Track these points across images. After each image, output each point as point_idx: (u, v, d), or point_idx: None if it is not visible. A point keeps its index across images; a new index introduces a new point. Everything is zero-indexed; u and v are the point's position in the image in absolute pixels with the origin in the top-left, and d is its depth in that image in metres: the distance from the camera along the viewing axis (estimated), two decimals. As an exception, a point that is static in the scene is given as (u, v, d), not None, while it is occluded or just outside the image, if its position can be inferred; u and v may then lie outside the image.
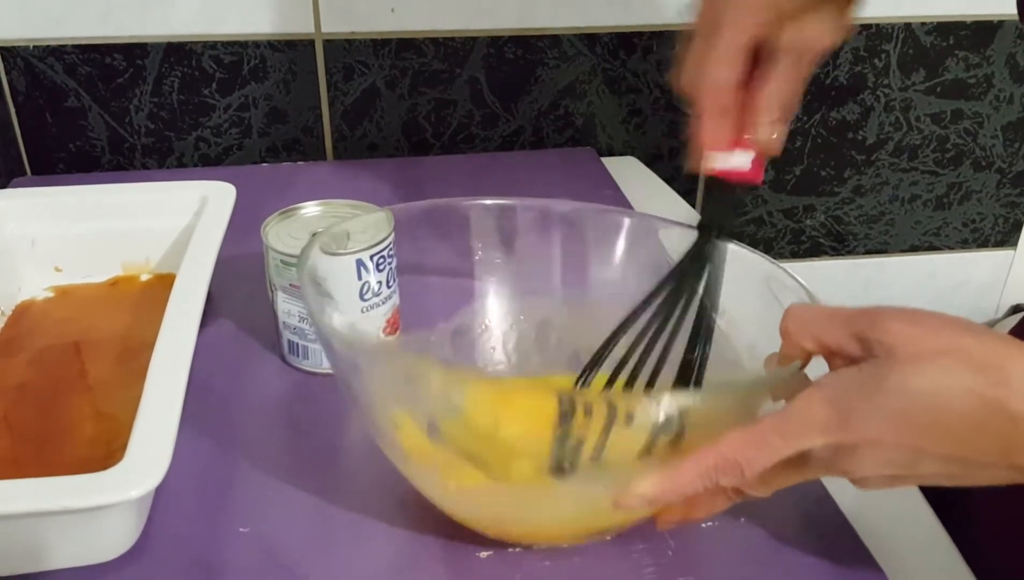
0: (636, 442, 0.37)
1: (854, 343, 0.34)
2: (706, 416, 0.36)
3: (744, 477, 0.35)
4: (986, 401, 0.32)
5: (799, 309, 0.37)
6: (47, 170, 0.86)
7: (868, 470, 0.35)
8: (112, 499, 0.37)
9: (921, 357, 0.32)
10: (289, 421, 0.52)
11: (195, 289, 0.51)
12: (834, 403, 0.34)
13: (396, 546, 0.43)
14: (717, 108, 0.41)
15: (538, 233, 0.52)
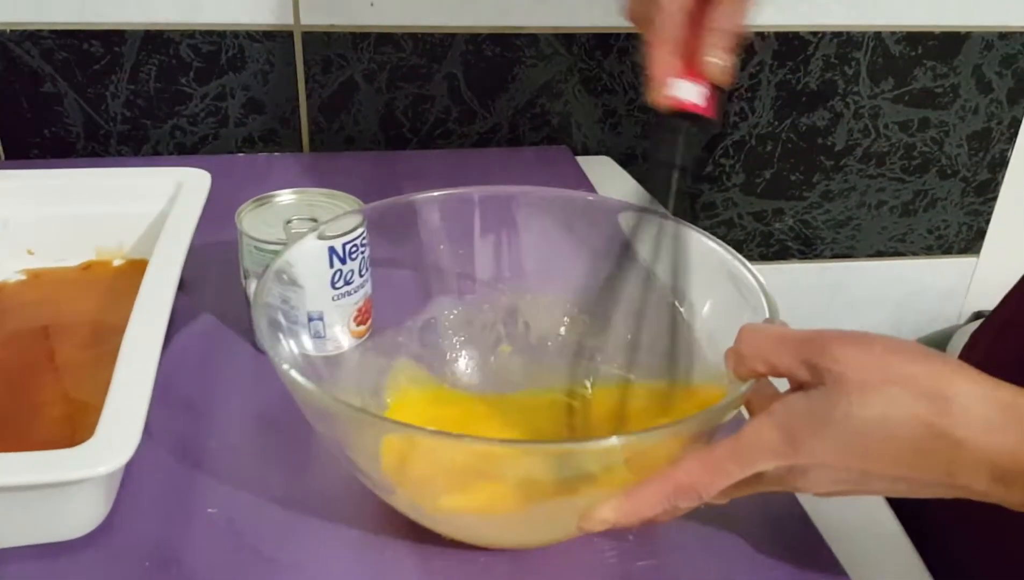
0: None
1: (803, 369, 0.36)
2: (664, 445, 0.38)
3: (701, 499, 0.37)
4: (931, 428, 0.33)
5: (750, 333, 0.38)
6: (21, 155, 0.85)
7: (818, 488, 0.37)
8: (81, 474, 0.37)
9: (868, 385, 0.34)
10: (260, 406, 0.53)
11: (167, 273, 0.52)
12: (784, 430, 0.35)
13: (363, 529, 0.44)
14: (667, 37, 0.41)
15: (498, 221, 0.52)
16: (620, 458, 0.38)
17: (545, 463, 0.38)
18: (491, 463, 0.38)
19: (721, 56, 0.41)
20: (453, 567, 0.42)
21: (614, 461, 0.38)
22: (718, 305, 0.44)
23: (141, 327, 0.47)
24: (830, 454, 0.35)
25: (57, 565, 0.41)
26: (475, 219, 0.51)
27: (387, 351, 0.50)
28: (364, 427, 0.38)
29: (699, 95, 0.41)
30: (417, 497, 0.40)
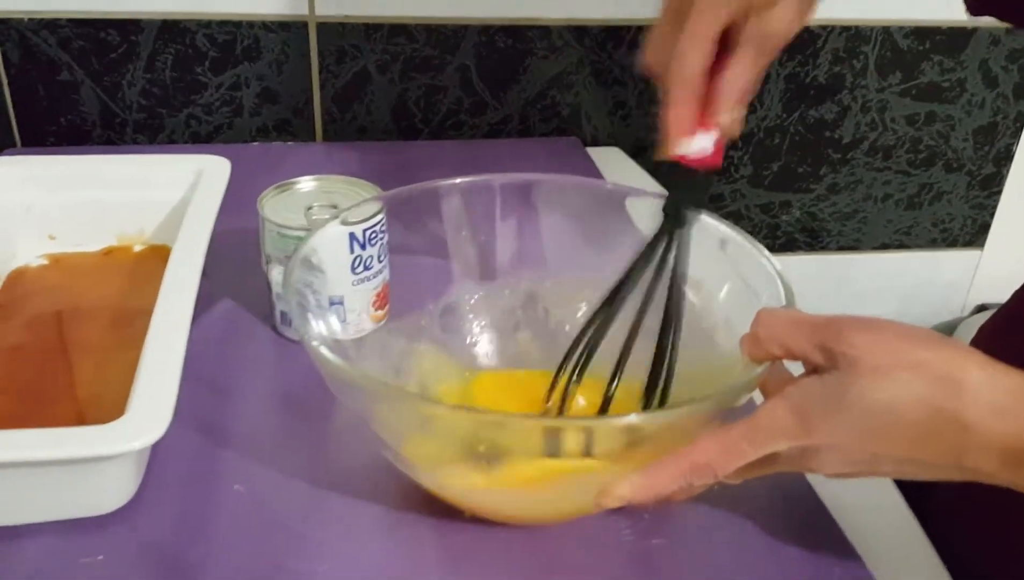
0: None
1: (818, 353, 0.37)
2: (680, 424, 0.39)
3: (716, 478, 0.38)
4: (941, 411, 0.34)
5: (768, 317, 0.39)
6: (38, 143, 0.86)
7: (831, 469, 0.38)
8: (116, 449, 0.38)
9: (881, 370, 0.35)
10: (282, 388, 0.54)
11: (192, 257, 0.53)
12: (798, 412, 0.36)
13: (386, 506, 0.45)
14: (685, 93, 0.42)
15: (518, 208, 0.53)
16: (637, 436, 0.39)
17: (564, 439, 0.40)
18: (512, 438, 0.39)
19: (735, 111, 0.43)
20: (474, 543, 0.43)
21: (631, 439, 0.39)
22: (735, 291, 0.45)
23: (168, 308, 0.48)
24: (843, 436, 0.36)
25: (89, 539, 0.42)
26: (496, 206, 0.52)
27: (409, 334, 0.51)
28: (391, 401, 0.39)
29: (710, 145, 0.43)
30: (440, 472, 0.41)
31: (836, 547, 0.44)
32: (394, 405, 0.39)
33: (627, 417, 0.38)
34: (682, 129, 0.43)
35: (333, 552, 0.43)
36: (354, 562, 0.42)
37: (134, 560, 0.42)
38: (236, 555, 0.42)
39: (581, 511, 0.43)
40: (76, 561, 0.41)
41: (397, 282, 0.54)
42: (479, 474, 0.41)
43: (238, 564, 0.42)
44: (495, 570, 0.42)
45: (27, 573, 0.41)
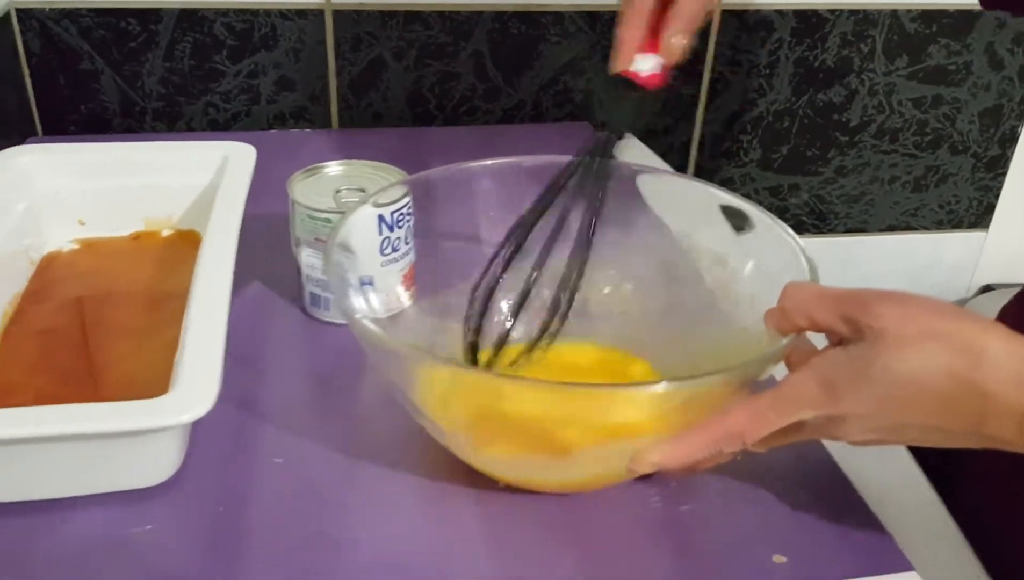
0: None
1: (844, 325, 0.38)
2: (709, 394, 0.41)
3: (745, 445, 0.40)
4: (963, 381, 0.36)
5: (795, 290, 0.41)
6: (59, 131, 0.87)
7: (855, 436, 0.40)
8: (168, 421, 0.40)
9: (905, 341, 0.36)
10: (313, 365, 0.55)
11: (226, 239, 0.54)
12: (825, 381, 0.38)
13: (422, 475, 0.47)
14: (635, 16, 0.48)
15: (541, 190, 0.55)
16: (666, 404, 0.41)
17: (594, 406, 0.41)
18: (546, 405, 0.41)
19: (677, 36, 0.48)
20: (509, 510, 0.45)
21: (660, 407, 0.41)
22: (759, 268, 0.47)
23: (207, 289, 0.49)
24: (867, 405, 0.37)
25: (137, 510, 0.44)
26: (525, 187, 0.53)
27: (439, 313, 0.52)
28: (428, 369, 0.40)
29: (656, 67, 0.49)
30: (476, 440, 0.43)
31: (857, 513, 0.46)
32: (434, 373, 0.41)
33: (656, 385, 0.40)
34: (630, 48, 0.49)
35: (373, 520, 0.44)
36: (393, 529, 0.44)
37: (181, 530, 0.43)
38: (279, 524, 0.44)
39: (612, 478, 0.45)
40: (126, 531, 0.43)
41: (427, 262, 0.55)
42: (508, 443, 0.42)
43: (281, 533, 0.43)
44: (529, 535, 0.44)
45: (80, 542, 0.42)
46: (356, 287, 0.53)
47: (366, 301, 0.52)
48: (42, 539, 0.42)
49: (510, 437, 0.42)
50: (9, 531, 0.43)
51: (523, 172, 0.54)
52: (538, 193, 0.49)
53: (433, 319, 0.52)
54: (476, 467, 0.45)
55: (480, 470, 0.46)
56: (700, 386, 0.39)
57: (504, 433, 0.42)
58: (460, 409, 0.42)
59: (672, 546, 0.44)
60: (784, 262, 0.45)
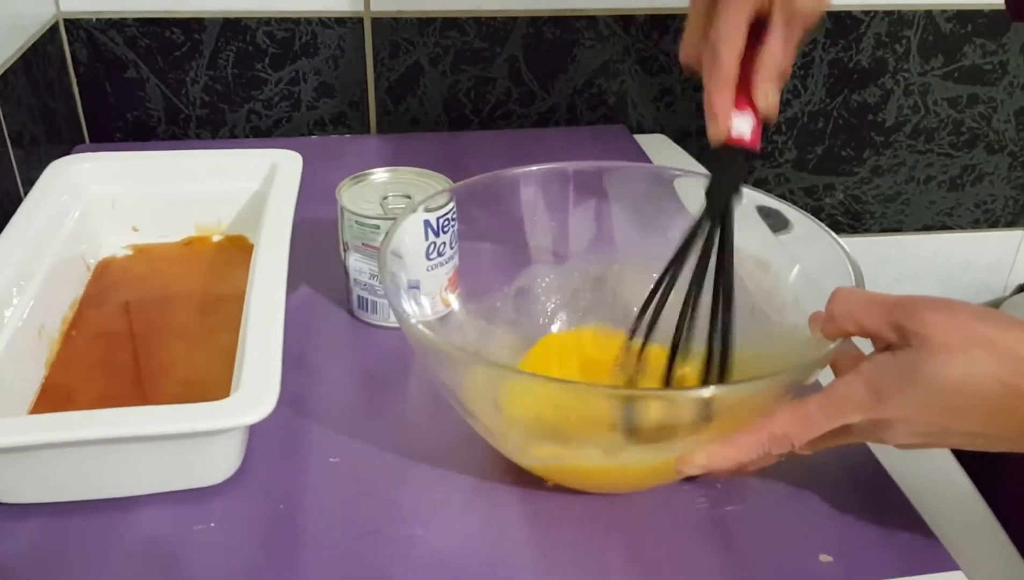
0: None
1: (891, 331, 0.39)
2: (756, 398, 0.41)
3: (792, 448, 0.41)
4: (1008, 387, 0.36)
5: (844, 294, 0.41)
6: (105, 138, 0.90)
7: (901, 440, 0.40)
8: (233, 423, 0.41)
9: (952, 348, 0.37)
10: (362, 366, 0.57)
11: (278, 245, 0.56)
12: (872, 386, 0.39)
13: (472, 475, 0.48)
14: (721, 80, 0.44)
15: (589, 194, 0.56)
16: (713, 408, 0.41)
17: (641, 410, 0.42)
18: (595, 408, 0.42)
19: (771, 93, 0.45)
20: (557, 509, 0.46)
21: (707, 411, 0.42)
22: (804, 272, 0.48)
23: (263, 294, 0.51)
24: (914, 410, 0.38)
25: (200, 508, 0.45)
26: (569, 192, 0.54)
27: (485, 315, 0.53)
28: (479, 372, 0.42)
29: (751, 128, 0.45)
30: (527, 442, 0.44)
31: (902, 513, 0.46)
32: (485, 376, 0.42)
33: (705, 389, 0.41)
34: (722, 114, 0.45)
35: (426, 518, 0.46)
36: (446, 527, 0.45)
37: (242, 527, 0.45)
38: (336, 522, 0.45)
39: (660, 479, 0.46)
40: (190, 528, 0.45)
41: (473, 266, 0.57)
42: (559, 447, 0.43)
43: (339, 530, 0.45)
44: (577, 534, 0.45)
45: (146, 538, 0.44)
46: (403, 291, 0.54)
47: (416, 305, 0.53)
48: (113, 536, 0.44)
49: (561, 439, 0.43)
50: (81, 528, 0.44)
51: (567, 177, 0.55)
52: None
53: (480, 322, 0.53)
54: (525, 467, 0.47)
55: (529, 470, 0.47)
56: (747, 391, 0.40)
57: (555, 435, 0.43)
58: (512, 412, 0.44)
59: (718, 546, 0.44)
60: (828, 266, 0.46)
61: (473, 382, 0.44)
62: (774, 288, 0.48)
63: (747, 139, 0.45)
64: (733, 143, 0.45)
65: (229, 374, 0.47)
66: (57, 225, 0.61)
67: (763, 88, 0.45)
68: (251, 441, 0.49)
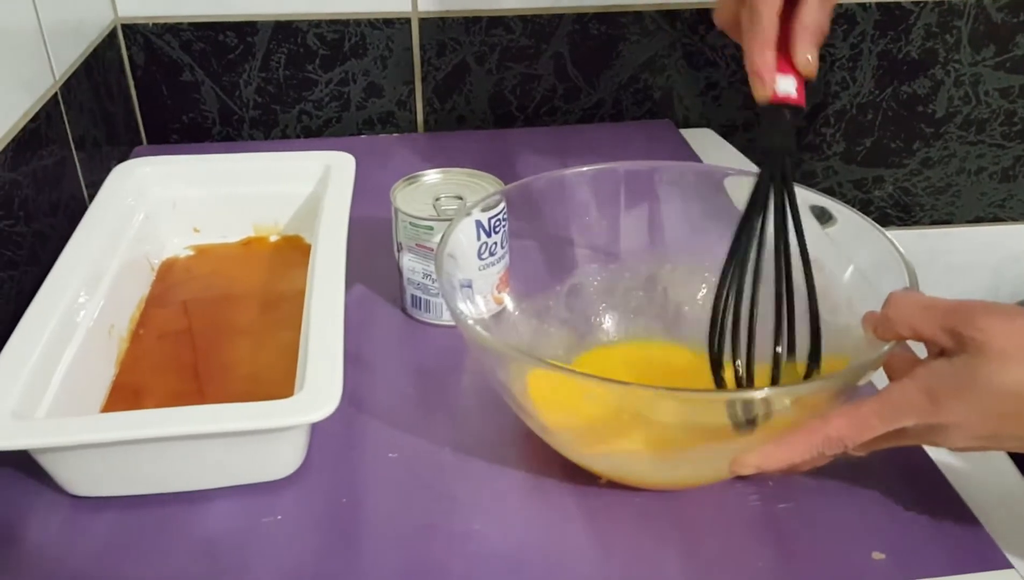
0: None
1: (947, 336, 0.39)
2: (809, 400, 0.42)
3: (845, 450, 0.41)
4: None
5: (900, 298, 0.42)
6: (161, 140, 0.92)
7: (955, 444, 0.41)
8: (300, 420, 0.43)
9: (1008, 354, 0.37)
10: (417, 365, 0.58)
11: (336, 246, 0.57)
12: (928, 391, 0.39)
13: (527, 471, 0.49)
14: (762, 42, 0.45)
15: (640, 194, 0.57)
16: (767, 409, 0.42)
17: (699, 410, 0.43)
18: (651, 408, 0.43)
19: (811, 52, 0.46)
20: (611, 505, 0.47)
21: (762, 412, 0.42)
22: (858, 273, 0.48)
23: (323, 294, 0.52)
24: (970, 415, 0.38)
25: (268, 501, 0.47)
26: (620, 192, 0.55)
27: (538, 314, 0.54)
28: (536, 372, 0.43)
29: (795, 87, 0.46)
30: (582, 439, 0.45)
31: (954, 510, 0.47)
32: (541, 374, 0.43)
33: (759, 391, 0.42)
34: (771, 73, 0.46)
35: (483, 513, 0.47)
36: (503, 522, 0.46)
37: (308, 519, 0.47)
38: (395, 516, 0.47)
39: (712, 478, 0.47)
40: (258, 520, 0.46)
41: (525, 265, 0.58)
42: (616, 441, 0.44)
43: (398, 524, 0.46)
44: (630, 530, 0.46)
45: (217, 530, 0.46)
46: (457, 289, 0.55)
47: (471, 304, 0.54)
48: (184, 528, 0.46)
49: (616, 437, 0.44)
50: (153, 521, 0.46)
51: (619, 177, 0.56)
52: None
53: (533, 320, 0.54)
54: (579, 464, 0.48)
55: (584, 467, 0.48)
56: (799, 394, 0.41)
57: (610, 433, 0.44)
58: (567, 409, 0.45)
59: (771, 544, 0.45)
60: (882, 265, 0.46)
61: (528, 381, 0.45)
62: (827, 288, 0.48)
63: (793, 96, 0.45)
64: (779, 101, 0.45)
65: (290, 371, 0.49)
66: (123, 227, 0.63)
67: (803, 48, 0.45)
68: (314, 436, 0.51)
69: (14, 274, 0.60)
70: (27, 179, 0.63)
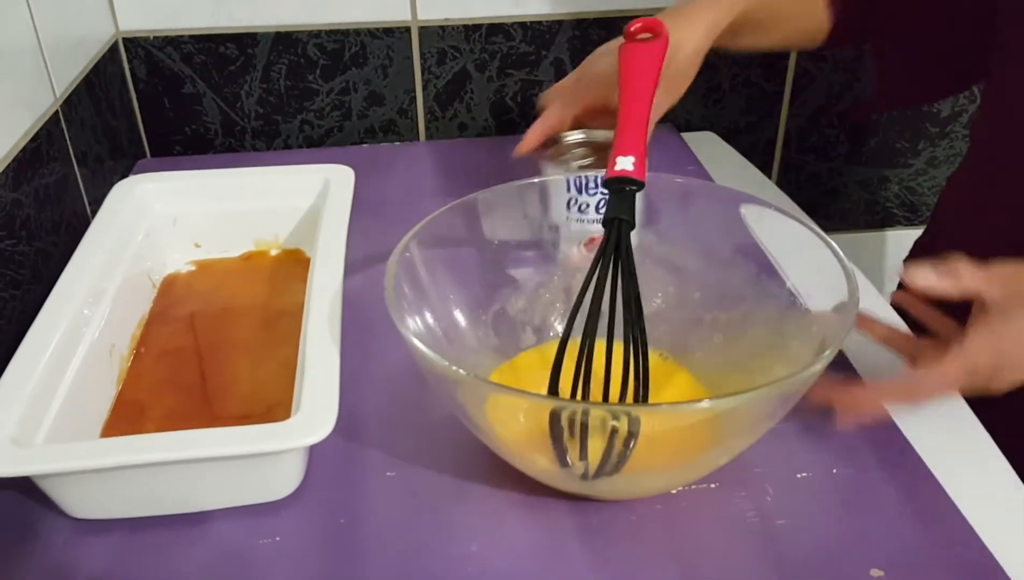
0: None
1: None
2: (750, 409, 0.44)
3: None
4: None
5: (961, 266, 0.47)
6: (165, 152, 0.93)
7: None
8: (295, 443, 0.43)
9: None
10: (416, 382, 0.58)
11: (334, 263, 0.58)
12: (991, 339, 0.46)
13: (524, 491, 0.49)
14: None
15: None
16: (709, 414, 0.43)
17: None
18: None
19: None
20: (608, 520, 0.47)
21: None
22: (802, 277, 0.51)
23: (320, 315, 0.52)
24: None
25: (266, 522, 0.48)
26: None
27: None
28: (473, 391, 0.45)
29: (633, 164, 0.52)
30: (518, 452, 0.46)
31: (956, 527, 0.46)
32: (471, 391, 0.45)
33: (700, 403, 0.43)
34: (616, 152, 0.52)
35: (481, 533, 0.47)
36: (501, 542, 0.46)
37: (306, 540, 0.47)
38: (394, 536, 0.47)
39: (671, 485, 0.48)
40: (257, 541, 0.47)
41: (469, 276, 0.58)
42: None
43: (396, 544, 0.46)
44: (628, 547, 0.46)
45: (216, 551, 0.46)
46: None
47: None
48: (186, 549, 0.46)
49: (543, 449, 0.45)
50: (155, 542, 0.47)
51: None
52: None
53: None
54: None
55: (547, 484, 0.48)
56: (741, 403, 0.41)
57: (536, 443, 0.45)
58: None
59: (769, 560, 0.45)
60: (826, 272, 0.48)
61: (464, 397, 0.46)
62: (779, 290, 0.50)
63: (630, 171, 0.51)
64: (617, 176, 0.51)
65: (291, 388, 0.49)
66: (124, 245, 0.63)
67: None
68: (313, 455, 0.51)
69: (16, 294, 0.61)
70: (29, 198, 0.64)
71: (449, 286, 0.55)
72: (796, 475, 0.49)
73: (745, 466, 0.49)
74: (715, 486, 0.49)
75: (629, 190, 0.51)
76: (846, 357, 0.58)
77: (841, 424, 0.50)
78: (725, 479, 0.49)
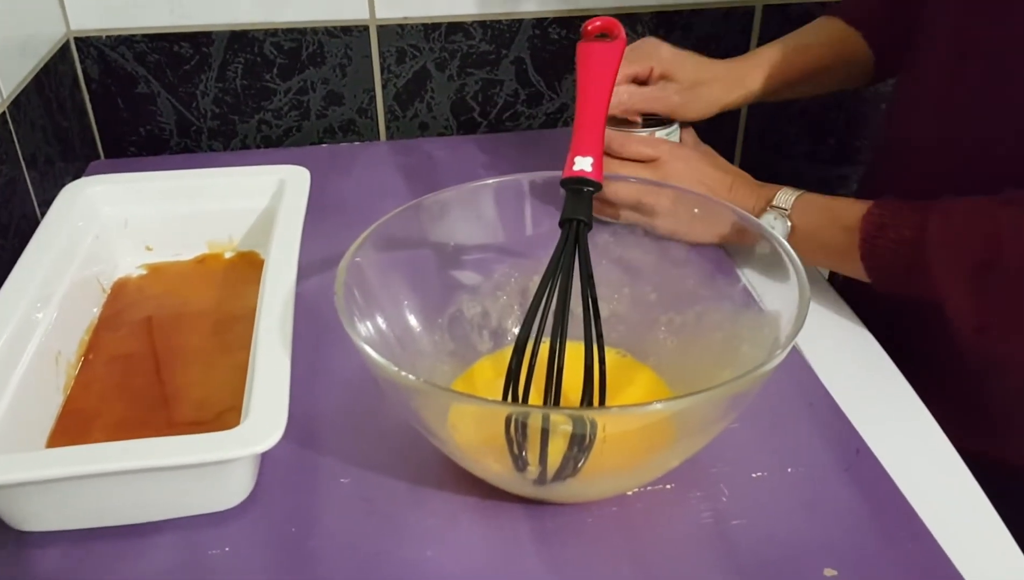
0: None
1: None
2: (700, 409, 0.43)
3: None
4: None
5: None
6: (119, 153, 0.91)
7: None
8: (243, 452, 0.42)
9: None
10: (370, 387, 0.57)
11: (286, 266, 0.57)
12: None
13: (479, 496, 0.49)
14: None
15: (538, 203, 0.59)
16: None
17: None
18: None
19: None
20: (564, 523, 0.47)
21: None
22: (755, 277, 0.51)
23: (271, 321, 0.51)
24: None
25: (215, 532, 0.47)
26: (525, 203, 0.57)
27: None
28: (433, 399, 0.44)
29: (591, 164, 0.52)
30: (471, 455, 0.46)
31: (910, 527, 0.46)
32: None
33: (654, 405, 0.43)
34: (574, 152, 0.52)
35: (436, 538, 0.46)
36: (456, 547, 0.46)
37: (256, 550, 0.46)
38: (347, 544, 0.46)
39: (622, 488, 0.47)
40: (206, 552, 0.46)
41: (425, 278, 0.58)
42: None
43: (350, 552, 0.46)
44: (583, 551, 0.46)
45: (164, 563, 0.45)
46: None
47: None
48: (132, 561, 0.45)
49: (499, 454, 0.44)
50: (101, 554, 0.46)
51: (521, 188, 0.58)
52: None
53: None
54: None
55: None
56: (694, 404, 0.41)
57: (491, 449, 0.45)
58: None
59: (724, 560, 0.45)
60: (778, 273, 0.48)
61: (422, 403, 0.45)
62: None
63: (588, 172, 0.51)
64: (575, 176, 0.51)
65: (242, 394, 0.48)
66: (73, 248, 0.62)
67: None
68: (263, 462, 0.50)
69: (-41, 300, 0.59)
70: (-28, 202, 0.62)
71: (403, 290, 0.55)
72: (751, 475, 0.49)
73: (701, 466, 0.49)
74: (671, 487, 0.49)
75: (587, 191, 0.51)
76: (802, 356, 0.58)
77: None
78: (681, 480, 0.49)
